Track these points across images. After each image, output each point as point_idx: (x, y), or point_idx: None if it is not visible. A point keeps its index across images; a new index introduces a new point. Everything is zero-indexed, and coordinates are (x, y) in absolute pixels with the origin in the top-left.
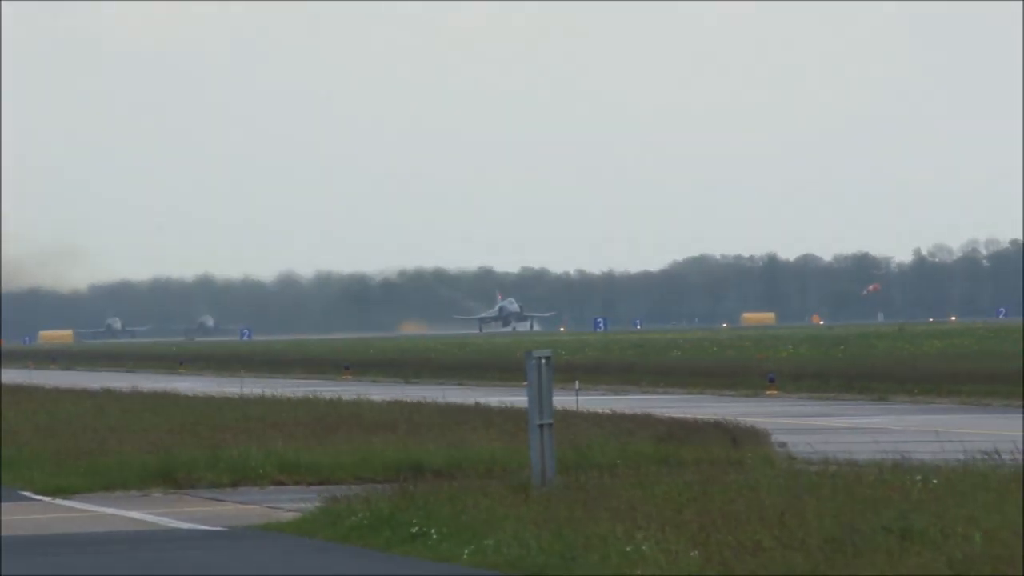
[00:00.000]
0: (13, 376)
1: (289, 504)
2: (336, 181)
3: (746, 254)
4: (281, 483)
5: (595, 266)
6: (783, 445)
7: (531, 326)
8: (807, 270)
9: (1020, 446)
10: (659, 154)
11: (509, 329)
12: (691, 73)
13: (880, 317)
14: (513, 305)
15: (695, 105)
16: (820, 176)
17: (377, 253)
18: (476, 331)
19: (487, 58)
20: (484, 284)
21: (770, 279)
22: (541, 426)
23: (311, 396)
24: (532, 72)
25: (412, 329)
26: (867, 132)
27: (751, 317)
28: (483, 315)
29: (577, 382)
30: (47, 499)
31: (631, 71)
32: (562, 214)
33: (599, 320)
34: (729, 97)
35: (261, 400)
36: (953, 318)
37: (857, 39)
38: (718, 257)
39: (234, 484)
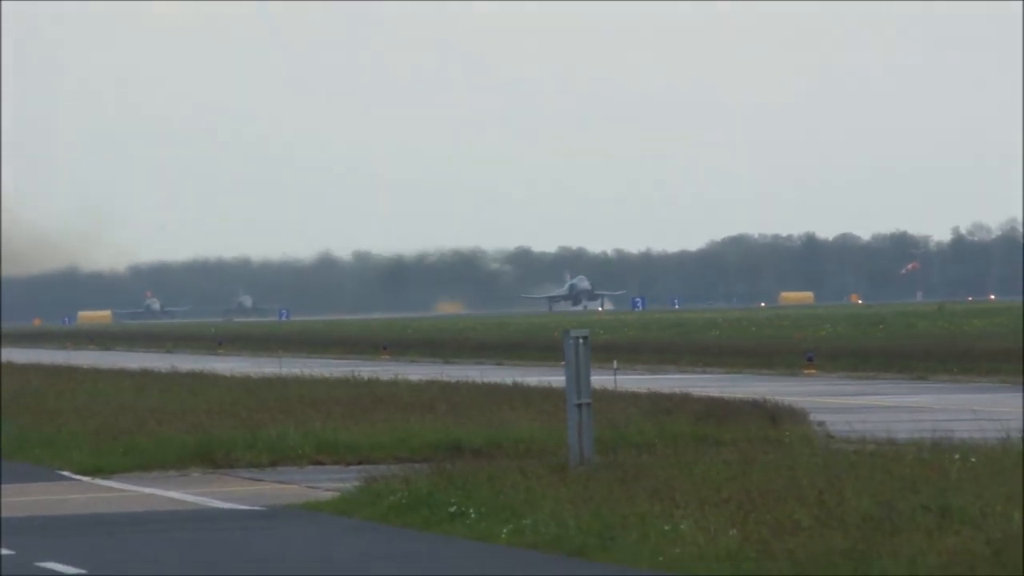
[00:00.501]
0: (52, 356)
1: (327, 484)
2: (373, 163)
3: (784, 233)
4: (320, 463)
5: (633, 245)
6: (822, 424)
7: (602, 304)
8: (845, 249)
9: None
10: (697, 136)
11: (580, 308)
12: (728, 58)
13: (919, 296)
14: (584, 283)
15: (733, 89)
16: (858, 155)
17: (414, 234)
18: (545, 310)
19: (517, 44)
20: (524, 262)
21: (808, 258)
22: (579, 406)
23: (349, 376)
24: (566, 56)
25: (450, 309)
26: (905, 112)
27: (789, 296)
28: (553, 294)
29: (615, 361)
30: (86, 479)
31: (668, 56)
32: (599, 195)
33: (637, 299)
34: (766, 80)
35: (299, 380)
36: (992, 297)
37: (881, 24)
38: (756, 237)
39: (273, 464)
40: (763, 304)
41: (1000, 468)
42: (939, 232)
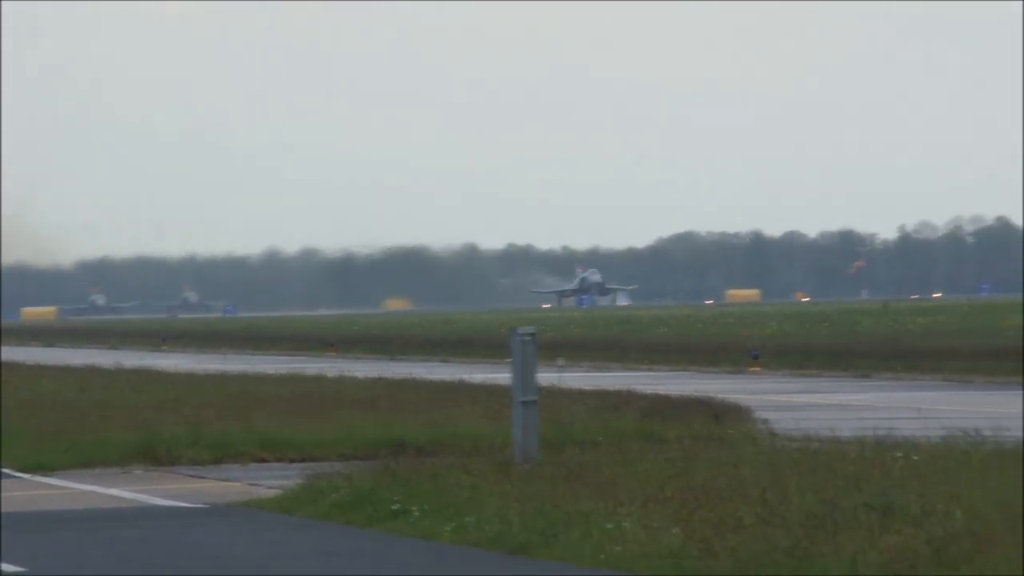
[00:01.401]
0: None
1: (270, 481)
2: (321, 162)
3: (731, 231)
4: (263, 460)
5: (581, 242)
6: (766, 422)
7: (614, 300)
8: (792, 247)
9: (1003, 423)
10: (644, 130)
11: (591, 304)
12: (674, 48)
13: (864, 294)
14: (595, 276)
15: (679, 80)
16: (805, 152)
17: (362, 230)
18: (554, 304)
19: (454, 39)
20: (470, 261)
21: (755, 256)
22: (524, 403)
23: (294, 373)
24: (507, 49)
25: (397, 305)
26: (851, 109)
27: (736, 294)
28: (563, 288)
29: (561, 359)
30: (27, 476)
31: (612, 46)
32: (547, 191)
33: (583, 297)
34: (712, 72)
35: (244, 377)
36: (937, 295)
37: (837, 16)
38: (703, 234)
39: (216, 461)
40: (710, 301)
41: (943, 466)
42: (885, 230)
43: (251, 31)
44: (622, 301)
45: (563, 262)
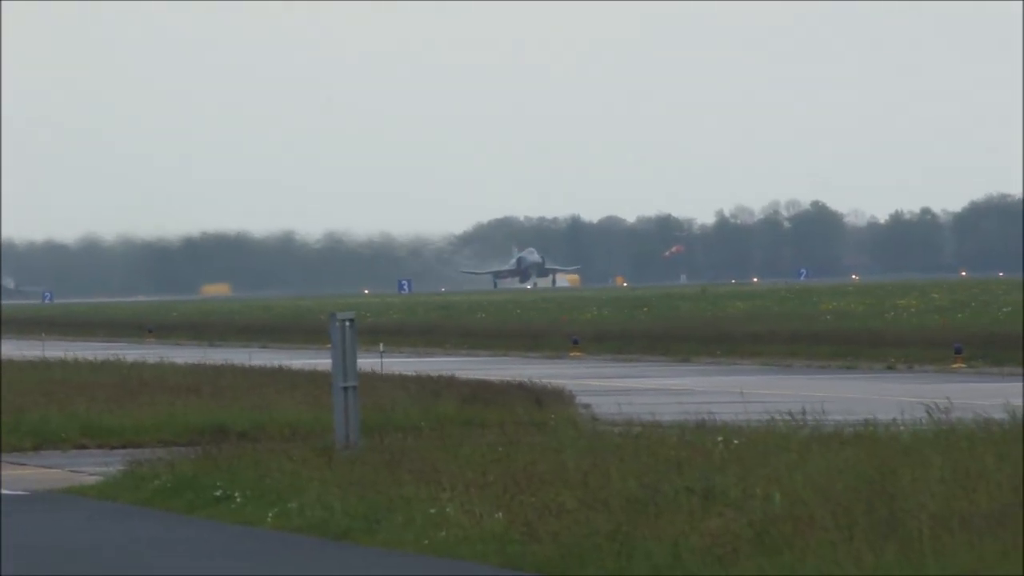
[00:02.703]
0: None
1: (92, 468)
2: (139, 142)
3: (550, 216)
4: (84, 447)
5: (400, 229)
6: (587, 406)
7: (553, 281)
8: (611, 232)
9: (822, 407)
10: (464, 115)
11: (529, 286)
12: (485, 31)
13: (683, 278)
14: (533, 255)
15: (494, 63)
16: (622, 137)
17: (180, 216)
18: (490, 287)
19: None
20: (288, 248)
21: (574, 240)
22: (345, 388)
23: (113, 359)
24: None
25: (217, 291)
26: (668, 94)
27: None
28: (499, 269)
29: (382, 344)
30: None
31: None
32: (365, 175)
33: (403, 282)
34: (524, 56)
35: (63, 363)
36: (755, 279)
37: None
38: (522, 219)
39: (36, 448)
40: (529, 287)
41: (763, 450)
42: (703, 215)
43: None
44: (561, 283)
45: (381, 248)
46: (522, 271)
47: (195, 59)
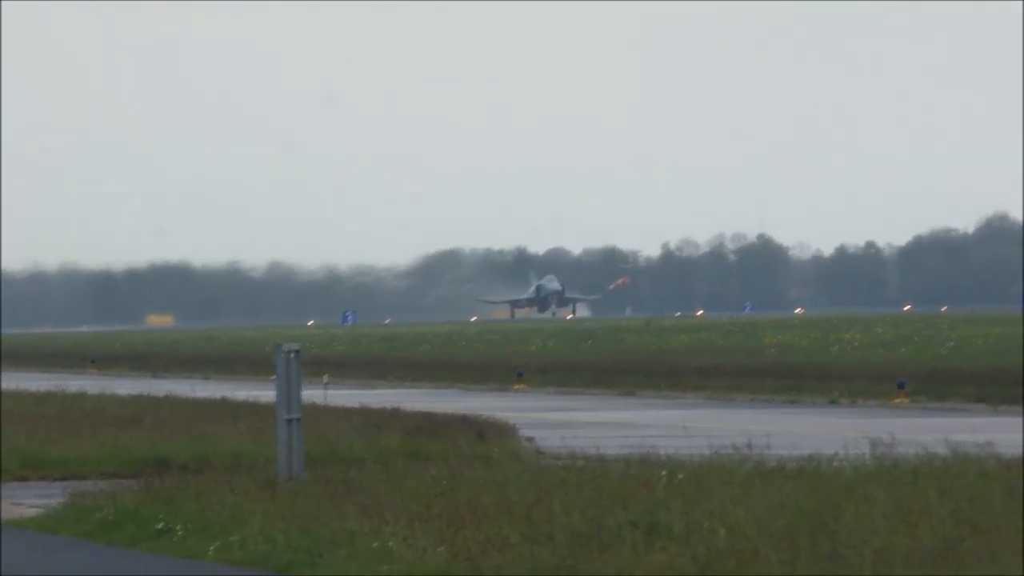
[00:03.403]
0: None
1: (32, 500)
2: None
3: (496, 248)
4: (24, 478)
5: (343, 260)
6: (531, 439)
7: (573, 310)
8: (557, 263)
9: (766, 441)
10: (406, 150)
11: (548, 315)
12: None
13: (628, 311)
14: (553, 283)
15: (439, 81)
16: (567, 169)
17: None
18: (508, 317)
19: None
20: (233, 278)
21: (520, 273)
22: (289, 420)
23: (56, 390)
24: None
25: (160, 322)
26: (616, 125)
27: (498, 313)
28: (516, 298)
29: (326, 376)
30: None
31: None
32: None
33: (348, 313)
34: (466, 81)
35: (4, 394)
36: (700, 312)
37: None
38: (468, 251)
39: None
40: (474, 319)
41: (706, 484)
42: (649, 247)
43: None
44: (582, 312)
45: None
46: (541, 300)
47: (141, 84)
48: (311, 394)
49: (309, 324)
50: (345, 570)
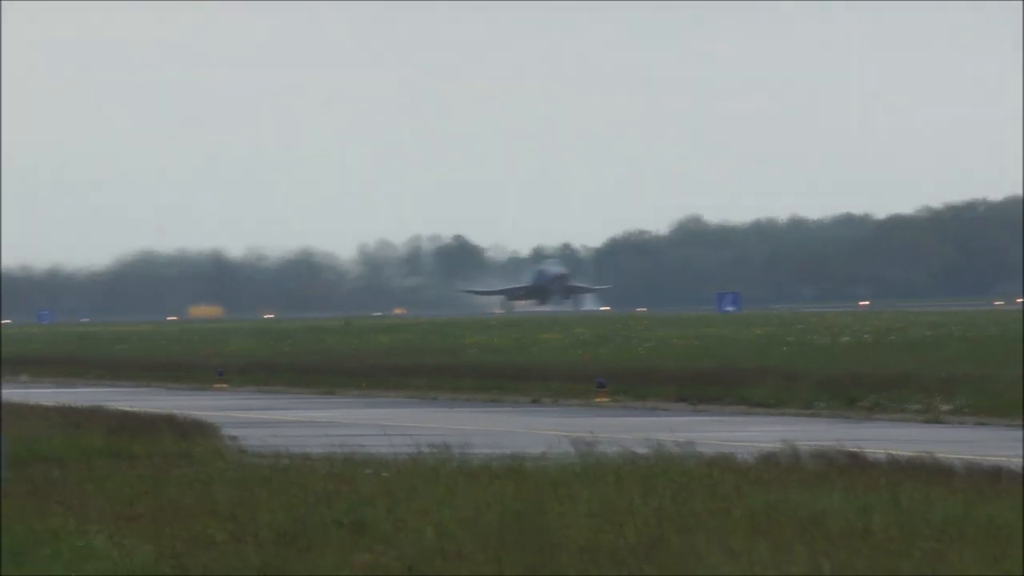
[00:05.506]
0: None
1: None
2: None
3: (192, 249)
4: None
5: (39, 261)
6: (235, 439)
7: (579, 302)
8: (255, 266)
9: (469, 440)
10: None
11: (549, 308)
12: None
13: (330, 313)
14: (557, 266)
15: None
16: (266, 172)
17: None
18: (500, 310)
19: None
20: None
21: (217, 274)
22: None
23: None
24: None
25: None
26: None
27: (199, 310)
28: (512, 287)
29: (25, 375)
30: None
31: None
32: None
33: (45, 312)
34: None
35: None
36: (399, 311)
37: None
38: (164, 252)
39: None
40: (174, 318)
41: (412, 483)
42: (346, 249)
43: None
44: (593, 304)
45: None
46: (541, 288)
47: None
48: (10, 393)
49: (6, 323)
50: (49, 570)
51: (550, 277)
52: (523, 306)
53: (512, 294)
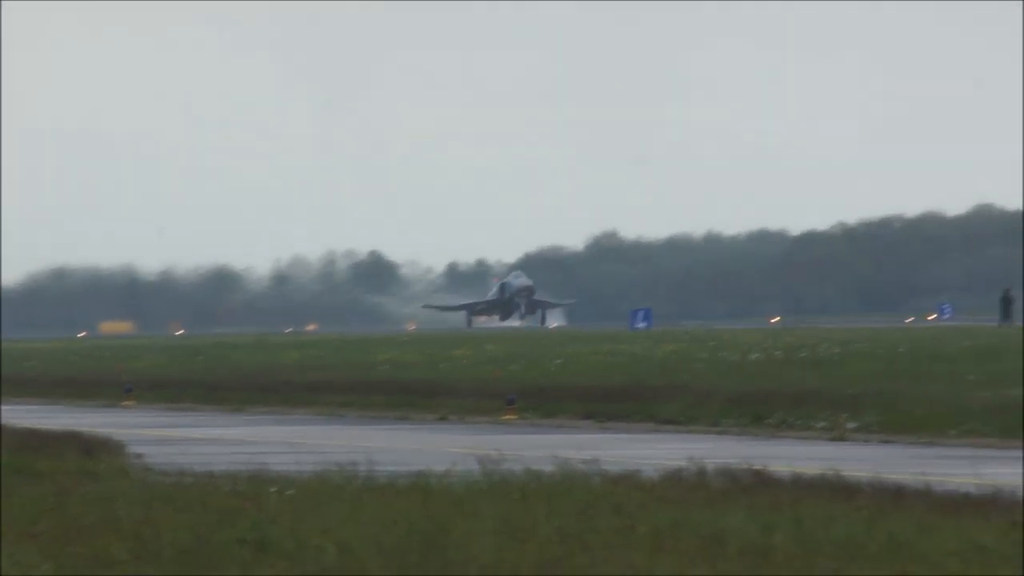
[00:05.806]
0: None
1: None
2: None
3: (105, 265)
4: None
5: None
6: (140, 456)
7: (543, 319)
8: (168, 283)
9: (375, 458)
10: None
11: (518, 323)
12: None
13: (242, 328)
14: (521, 278)
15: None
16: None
17: None
18: (464, 325)
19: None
20: None
21: (130, 289)
22: None
23: None
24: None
25: None
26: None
27: (110, 327)
28: (474, 301)
29: None
30: None
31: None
32: None
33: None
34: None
35: None
36: (312, 327)
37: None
38: (76, 267)
39: None
40: (84, 334)
41: (316, 501)
42: (261, 265)
43: None
44: (554, 321)
45: None
46: (505, 302)
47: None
48: None
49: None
50: None
51: (515, 289)
52: (483, 322)
53: (473, 308)
